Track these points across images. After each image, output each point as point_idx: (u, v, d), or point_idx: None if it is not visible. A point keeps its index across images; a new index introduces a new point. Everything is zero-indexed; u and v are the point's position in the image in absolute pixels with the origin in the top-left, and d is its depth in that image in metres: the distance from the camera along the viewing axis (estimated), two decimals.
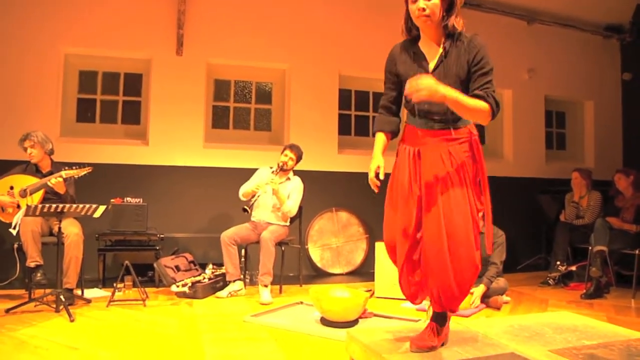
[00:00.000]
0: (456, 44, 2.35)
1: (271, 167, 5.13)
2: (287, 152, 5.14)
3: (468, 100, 2.22)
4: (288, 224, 5.14)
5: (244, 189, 4.99)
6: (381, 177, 2.52)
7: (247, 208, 4.69)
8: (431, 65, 2.40)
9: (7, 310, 3.87)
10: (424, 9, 2.27)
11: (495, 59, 2.38)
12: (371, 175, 2.54)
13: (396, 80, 2.54)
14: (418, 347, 2.37)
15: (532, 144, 7.52)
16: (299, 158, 5.18)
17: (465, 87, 2.32)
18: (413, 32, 2.47)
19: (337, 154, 6.61)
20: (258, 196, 4.82)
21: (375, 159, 2.57)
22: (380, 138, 2.63)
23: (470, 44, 2.33)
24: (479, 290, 4.37)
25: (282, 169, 5.08)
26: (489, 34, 6.94)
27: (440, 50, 2.38)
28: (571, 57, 7.66)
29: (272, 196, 4.99)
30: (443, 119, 2.37)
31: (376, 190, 2.55)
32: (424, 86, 2.12)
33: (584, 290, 5.01)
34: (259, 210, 5.07)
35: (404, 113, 2.57)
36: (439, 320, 2.48)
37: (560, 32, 7.45)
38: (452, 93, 2.16)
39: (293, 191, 5.12)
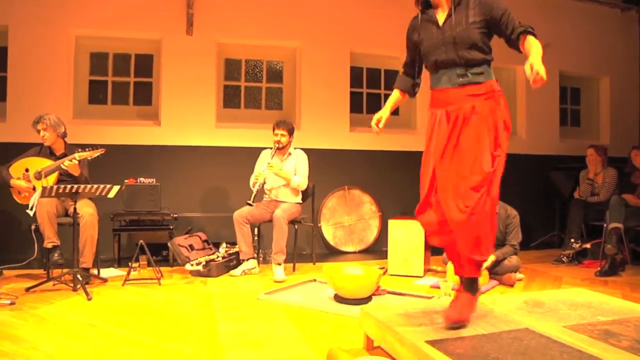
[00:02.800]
0: (463, 2, 2.48)
1: (271, 148, 5.10)
2: (277, 130, 5.03)
3: (538, 46, 2.33)
4: (300, 201, 5.14)
5: (251, 180, 5.01)
6: (380, 126, 2.84)
7: (251, 203, 4.72)
8: (440, 20, 2.53)
9: (27, 289, 3.95)
10: None
11: None
12: (373, 122, 2.86)
13: (413, 47, 2.74)
14: (454, 321, 2.35)
15: (546, 120, 7.43)
16: (290, 132, 5.06)
17: (478, 32, 2.44)
18: (424, 2, 2.60)
19: (348, 132, 6.58)
20: (261, 184, 4.82)
21: (382, 110, 2.86)
22: (395, 94, 2.91)
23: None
24: (488, 258, 4.36)
25: (279, 148, 5.06)
26: None
27: (448, 7, 2.51)
28: (587, 31, 7.52)
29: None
30: (465, 73, 2.46)
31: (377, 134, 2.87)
32: (541, 70, 2.17)
33: (599, 268, 4.98)
34: (269, 184, 5.07)
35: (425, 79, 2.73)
36: (471, 288, 2.51)
37: (576, 5, 7.30)
38: (538, 51, 2.29)
39: (298, 165, 5.09)
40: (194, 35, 6.03)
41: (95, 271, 4.54)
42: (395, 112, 7.13)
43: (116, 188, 4.15)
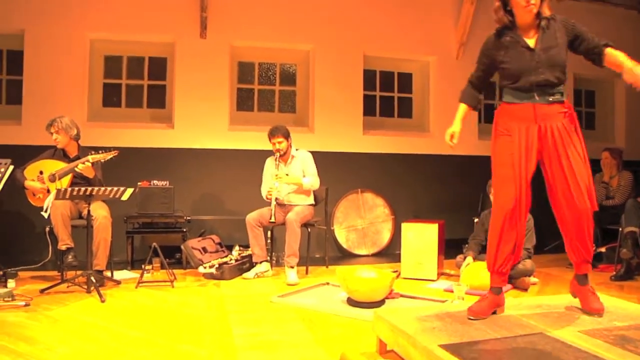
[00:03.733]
0: (549, 23, 2.64)
1: (274, 156, 5.06)
2: (273, 139, 4.97)
3: (623, 55, 2.58)
4: (313, 202, 5.13)
5: (263, 192, 5.01)
6: (455, 141, 2.91)
7: (273, 220, 4.75)
8: (531, 43, 2.63)
9: (42, 291, 3.98)
10: (529, 2, 2.55)
11: None
12: (446, 138, 2.94)
13: (489, 64, 2.80)
14: (598, 311, 2.62)
15: None
16: (286, 136, 4.98)
17: (565, 53, 2.64)
18: (506, 20, 2.68)
19: (362, 135, 6.57)
20: (277, 198, 4.82)
21: (454, 125, 2.95)
22: (463, 108, 2.99)
23: (562, 21, 2.68)
24: None
25: (281, 156, 5.04)
26: None
27: (537, 31, 2.65)
28: (602, 33, 7.33)
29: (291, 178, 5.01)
30: (554, 92, 2.62)
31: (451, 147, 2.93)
32: None
33: (614, 272, 4.92)
34: (283, 192, 5.08)
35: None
36: (584, 280, 2.76)
37: (590, 6, 7.23)
38: (630, 61, 2.50)
39: (305, 166, 5.05)
40: (207, 38, 6.06)
41: (108, 273, 4.57)
42: (408, 115, 7.18)
43: (130, 190, 4.17)
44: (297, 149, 5.15)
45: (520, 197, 2.62)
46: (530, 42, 2.63)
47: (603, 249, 5.51)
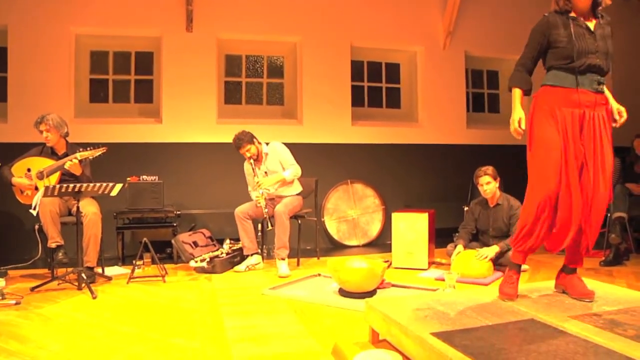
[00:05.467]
0: (603, 18, 2.73)
1: (249, 161, 4.99)
2: (241, 151, 4.90)
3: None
4: (300, 189, 5.12)
5: (252, 196, 4.98)
6: (523, 126, 2.76)
7: (272, 226, 4.72)
8: (591, 26, 2.68)
9: (32, 289, 3.96)
10: None
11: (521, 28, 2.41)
12: (515, 125, 2.77)
13: (544, 44, 2.76)
14: (589, 296, 2.67)
15: None
16: (251, 141, 4.91)
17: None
18: (565, 6, 2.70)
19: (350, 126, 6.57)
20: (263, 202, 4.77)
21: (517, 111, 2.79)
22: (518, 93, 2.85)
23: (607, 19, 2.74)
24: (492, 250, 4.37)
25: (256, 160, 4.99)
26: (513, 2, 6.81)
27: (594, 20, 2.72)
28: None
29: (271, 175, 4.99)
30: (598, 84, 2.67)
31: (519, 138, 2.81)
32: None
33: (603, 258, 4.97)
34: (270, 190, 5.07)
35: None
36: (574, 270, 2.83)
37: None
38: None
39: (281, 158, 5.01)
40: (193, 32, 6.03)
41: (99, 270, 4.55)
42: (397, 105, 7.18)
43: (119, 186, 4.15)
44: (266, 144, 5.10)
45: (560, 181, 2.65)
46: (590, 25, 2.69)
47: None
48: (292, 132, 6.05)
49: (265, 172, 4.99)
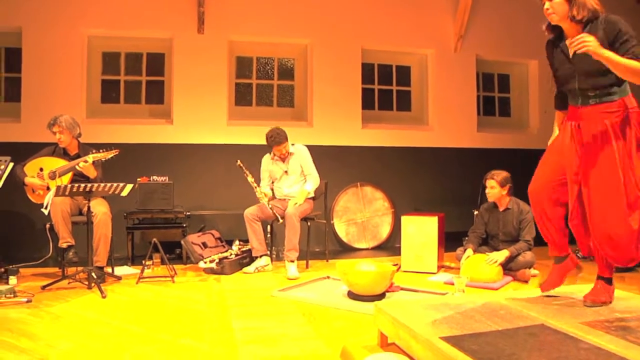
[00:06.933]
0: (589, 28, 2.54)
1: (270, 153, 5.08)
2: (280, 145, 4.94)
3: (623, 59, 2.39)
4: (312, 195, 5.13)
5: (262, 190, 5.02)
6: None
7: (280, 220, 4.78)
8: (571, 52, 2.62)
9: (43, 287, 3.99)
10: (547, 9, 2.59)
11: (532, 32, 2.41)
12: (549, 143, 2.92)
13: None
14: (592, 302, 2.66)
15: None
16: (287, 139, 4.97)
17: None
18: (555, 29, 2.71)
19: (360, 129, 6.57)
20: (270, 197, 4.82)
21: (554, 131, 2.96)
22: (559, 114, 2.96)
23: (603, 22, 2.53)
24: (501, 254, 4.33)
25: (282, 160, 5.05)
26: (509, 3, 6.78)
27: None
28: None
29: (291, 175, 5.03)
30: (596, 94, 2.59)
31: None
32: (590, 40, 2.34)
33: None
34: (282, 188, 5.09)
35: None
36: (606, 278, 2.78)
37: None
38: (608, 52, 2.37)
39: (303, 163, 5.05)
40: (205, 34, 6.05)
41: (109, 269, 4.57)
42: (407, 108, 7.17)
43: (129, 187, 4.17)
44: (292, 144, 5.13)
45: (543, 181, 2.75)
46: (571, 51, 2.62)
47: None
48: (302, 134, 6.04)
49: (285, 171, 5.03)
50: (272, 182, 5.18)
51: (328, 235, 5.79)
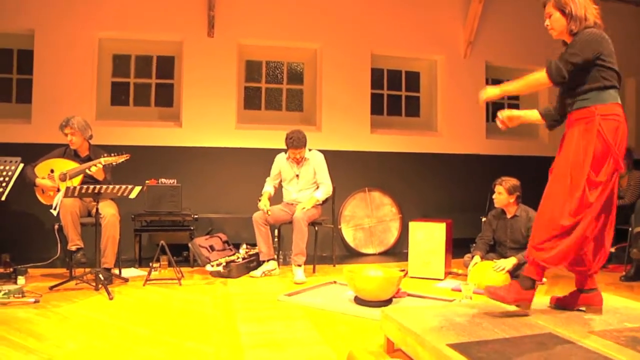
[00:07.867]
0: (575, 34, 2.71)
1: (285, 153, 5.07)
2: (296, 151, 4.92)
3: (522, 81, 2.73)
4: (321, 202, 5.13)
5: (267, 187, 5.07)
6: (505, 115, 3.02)
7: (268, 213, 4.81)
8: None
9: (51, 288, 4.01)
10: (547, 25, 2.77)
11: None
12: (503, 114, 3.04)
13: None
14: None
15: None
16: (304, 143, 4.94)
17: (586, 72, 2.64)
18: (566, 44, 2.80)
19: (369, 134, 6.56)
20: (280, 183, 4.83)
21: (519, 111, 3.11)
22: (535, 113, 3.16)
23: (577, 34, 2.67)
24: (509, 262, 4.30)
25: (297, 163, 5.04)
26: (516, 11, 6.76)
27: None
28: (611, 31, 7.30)
29: (301, 180, 5.03)
30: (574, 101, 2.70)
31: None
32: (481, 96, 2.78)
33: (624, 273, 4.89)
34: (290, 192, 5.08)
35: None
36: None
37: (599, 4, 7.16)
38: (505, 87, 2.75)
39: (317, 169, 5.03)
40: (215, 37, 6.07)
41: (116, 271, 4.59)
42: (416, 113, 7.16)
43: (137, 189, 4.19)
44: (309, 150, 5.12)
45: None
46: None
47: (613, 249, 5.45)
48: (310, 138, 6.00)
49: (297, 175, 5.03)
50: (280, 182, 5.16)
51: (335, 240, 5.78)
